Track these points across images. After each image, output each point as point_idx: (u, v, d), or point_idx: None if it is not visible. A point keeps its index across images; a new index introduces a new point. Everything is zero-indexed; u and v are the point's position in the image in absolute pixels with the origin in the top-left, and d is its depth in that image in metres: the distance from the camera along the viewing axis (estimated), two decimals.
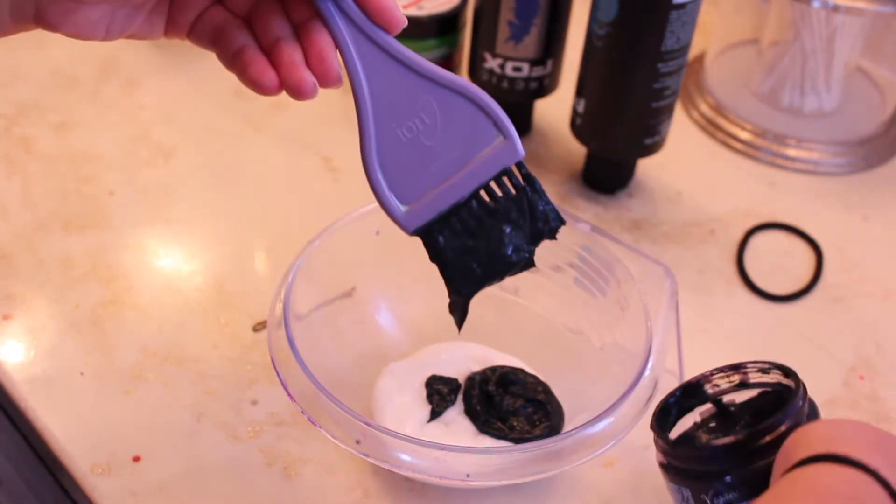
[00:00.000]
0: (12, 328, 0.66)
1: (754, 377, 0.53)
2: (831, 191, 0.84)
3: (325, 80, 0.46)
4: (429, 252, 0.51)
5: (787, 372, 0.52)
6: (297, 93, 0.45)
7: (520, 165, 0.51)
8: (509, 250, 0.51)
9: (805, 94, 0.89)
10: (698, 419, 0.54)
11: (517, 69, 0.79)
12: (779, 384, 0.53)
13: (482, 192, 0.50)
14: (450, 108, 0.49)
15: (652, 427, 0.51)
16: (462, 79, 0.49)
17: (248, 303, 0.69)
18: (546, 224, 0.52)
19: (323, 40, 0.46)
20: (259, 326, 0.67)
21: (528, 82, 0.80)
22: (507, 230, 0.51)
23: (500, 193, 0.50)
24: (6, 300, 0.68)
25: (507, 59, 0.79)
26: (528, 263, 0.52)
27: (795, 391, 0.50)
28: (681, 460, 0.50)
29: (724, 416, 0.54)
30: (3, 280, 0.69)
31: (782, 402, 0.52)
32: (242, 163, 0.81)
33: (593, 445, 0.54)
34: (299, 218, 0.75)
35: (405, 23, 0.46)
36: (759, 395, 0.54)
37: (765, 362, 0.53)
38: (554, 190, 0.80)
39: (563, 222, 0.52)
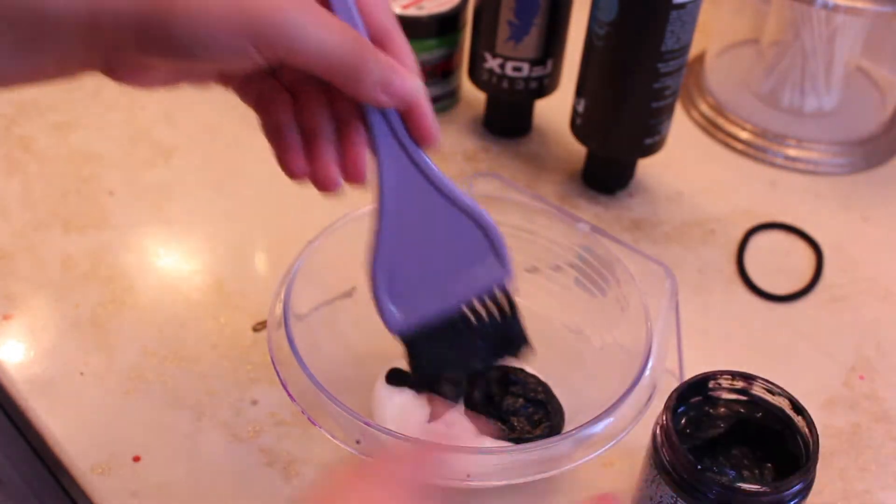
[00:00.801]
0: (12, 328, 0.66)
1: (757, 391, 0.54)
2: (831, 191, 0.84)
3: (353, 181, 0.48)
4: (407, 350, 0.53)
5: (797, 407, 0.52)
6: (323, 188, 0.48)
7: (506, 288, 0.53)
8: (476, 361, 0.54)
9: (805, 94, 0.89)
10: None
11: (517, 69, 0.79)
12: (781, 411, 0.53)
13: (465, 308, 0.53)
14: (459, 227, 0.51)
15: (671, 440, 0.51)
16: (477, 204, 0.51)
17: (248, 303, 0.69)
18: (513, 346, 0.55)
19: (360, 144, 0.48)
20: (259, 326, 0.67)
21: (528, 82, 0.80)
22: (480, 344, 0.54)
23: (482, 311, 0.53)
24: (6, 300, 0.68)
25: (507, 59, 0.79)
26: (484, 371, 0.58)
27: (809, 449, 0.51)
28: (694, 478, 0.50)
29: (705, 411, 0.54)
30: (3, 280, 0.69)
31: (775, 423, 0.53)
32: (242, 163, 0.81)
33: (593, 445, 0.54)
34: (299, 218, 0.75)
35: (439, 142, 0.48)
36: (750, 406, 0.54)
37: (777, 386, 0.53)
38: (554, 190, 0.80)
39: (527, 345, 0.55)
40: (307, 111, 0.49)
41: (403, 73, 0.46)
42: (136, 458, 0.59)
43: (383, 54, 0.46)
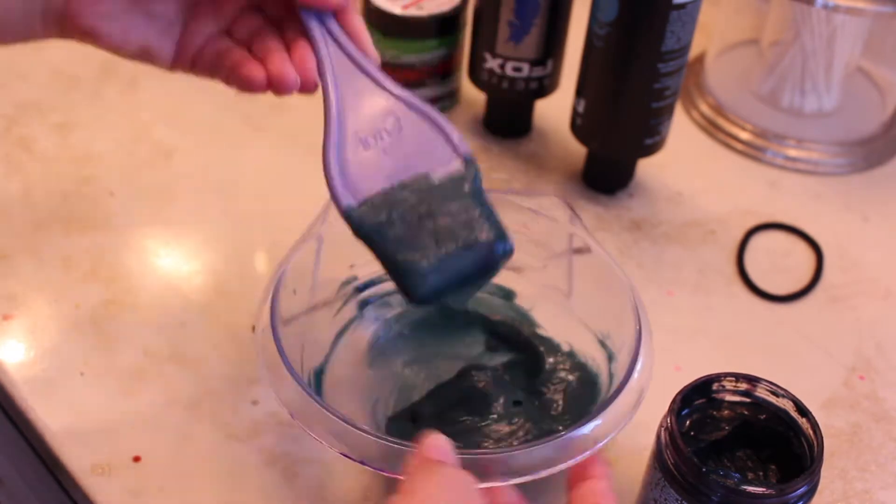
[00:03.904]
0: (12, 328, 0.66)
1: (761, 393, 0.53)
2: (831, 191, 0.84)
3: (303, 80, 0.52)
4: (372, 246, 0.52)
5: (801, 409, 0.52)
6: (280, 84, 0.51)
7: (477, 189, 0.53)
8: (466, 262, 0.52)
9: (805, 94, 0.89)
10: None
11: (517, 69, 0.79)
12: (785, 413, 0.53)
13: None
14: (411, 125, 0.53)
15: (676, 442, 0.51)
16: (425, 103, 0.53)
17: (248, 303, 0.69)
18: (494, 246, 0.52)
19: (305, 48, 0.52)
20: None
21: (528, 82, 0.80)
22: (463, 249, 0.52)
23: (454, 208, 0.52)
24: (6, 300, 0.68)
25: (507, 59, 0.79)
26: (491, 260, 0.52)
27: (813, 451, 0.51)
28: (700, 482, 0.50)
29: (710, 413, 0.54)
30: (3, 280, 0.69)
31: (779, 425, 0.53)
32: (242, 163, 0.81)
33: (582, 448, 0.52)
34: (299, 218, 0.75)
35: (376, 58, 0.53)
36: (754, 408, 0.54)
37: (781, 388, 0.53)
38: (554, 190, 0.80)
39: (510, 246, 0.52)
40: (259, 47, 0.53)
41: None
42: (136, 458, 0.59)
43: None
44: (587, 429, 0.52)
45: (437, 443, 0.47)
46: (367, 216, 0.51)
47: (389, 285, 0.62)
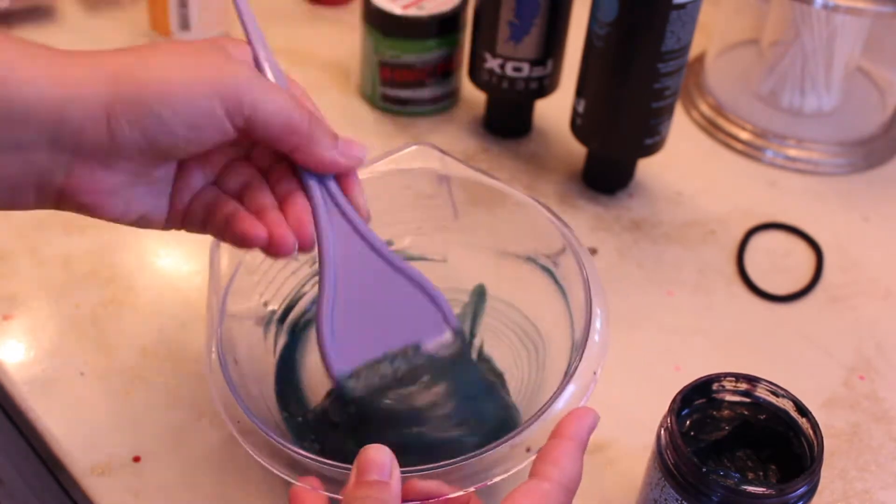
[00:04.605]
0: (12, 328, 0.66)
1: (761, 393, 0.53)
2: (831, 191, 0.84)
3: (301, 239, 0.50)
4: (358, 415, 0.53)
5: (801, 409, 0.52)
6: (278, 246, 0.49)
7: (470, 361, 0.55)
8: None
9: (805, 94, 0.89)
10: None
11: (517, 69, 0.79)
12: (785, 413, 0.53)
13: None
14: (404, 294, 0.53)
15: (676, 443, 0.51)
16: (418, 272, 0.53)
17: None
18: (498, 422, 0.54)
19: (303, 208, 0.50)
20: None
21: (528, 82, 0.80)
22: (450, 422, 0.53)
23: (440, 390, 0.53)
24: (6, 300, 0.68)
25: (507, 59, 0.79)
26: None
27: (813, 451, 0.51)
28: (699, 482, 0.50)
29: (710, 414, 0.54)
30: (3, 280, 0.69)
31: (779, 425, 0.53)
32: None
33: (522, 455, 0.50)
34: None
35: (370, 217, 0.52)
36: (754, 408, 0.54)
37: (781, 388, 0.53)
38: (554, 190, 0.80)
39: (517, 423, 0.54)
40: (252, 201, 0.51)
41: (346, 138, 0.50)
42: (136, 458, 0.59)
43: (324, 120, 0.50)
44: (534, 429, 0.49)
45: (374, 458, 0.45)
46: (356, 386, 0.53)
47: (308, 301, 0.63)
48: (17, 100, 0.42)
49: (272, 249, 0.49)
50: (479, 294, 0.64)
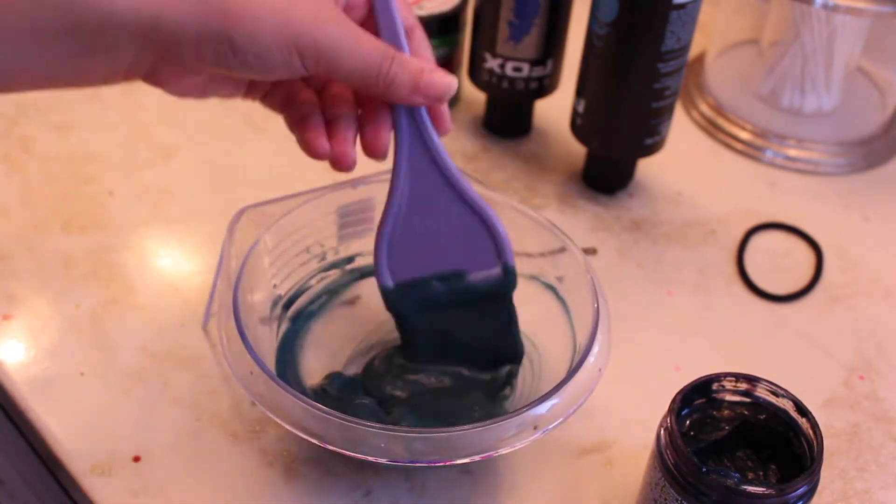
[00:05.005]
0: (12, 328, 0.66)
1: (761, 393, 0.53)
2: (831, 191, 0.84)
3: (373, 153, 0.53)
4: (398, 324, 0.58)
5: (801, 409, 0.52)
6: (341, 167, 0.53)
7: (508, 299, 0.58)
8: (470, 361, 0.59)
9: (805, 94, 0.89)
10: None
11: (517, 69, 0.79)
12: (785, 413, 0.53)
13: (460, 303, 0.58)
14: (465, 220, 0.56)
15: (676, 442, 0.51)
16: (485, 202, 0.56)
17: None
18: (505, 357, 0.60)
19: (384, 128, 0.53)
20: None
21: (528, 82, 0.80)
22: (470, 345, 0.59)
23: (476, 316, 0.58)
24: (6, 300, 0.68)
25: (507, 59, 0.79)
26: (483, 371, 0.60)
27: (813, 451, 0.51)
28: (702, 483, 0.50)
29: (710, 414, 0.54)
30: (3, 280, 0.69)
31: (779, 425, 0.53)
32: (242, 163, 0.81)
33: (537, 427, 0.53)
34: None
35: (451, 129, 0.55)
36: (754, 408, 0.54)
37: (781, 388, 0.53)
38: (554, 190, 0.80)
39: (520, 359, 0.60)
40: (331, 102, 0.53)
41: (433, 75, 0.51)
42: (136, 458, 0.59)
43: (415, 60, 0.51)
44: (543, 408, 0.53)
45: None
46: (399, 298, 0.57)
47: (313, 294, 0.66)
48: (111, 9, 0.44)
49: (333, 165, 0.52)
50: None
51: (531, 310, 0.62)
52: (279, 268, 0.63)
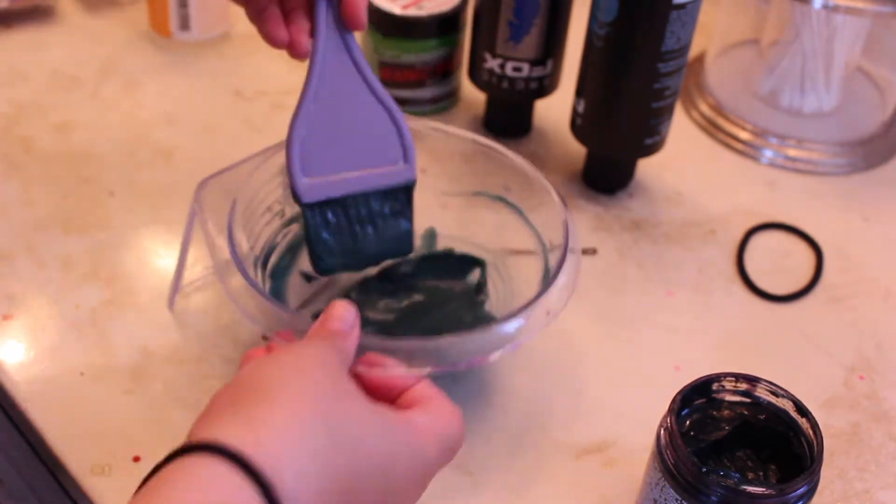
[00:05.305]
0: (12, 328, 0.66)
1: (761, 393, 0.53)
2: (831, 191, 0.84)
3: (297, 53, 0.59)
4: (306, 226, 0.59)
5: (801, 409, 0.52)
6: (294, 50, 0.58)
7: (409, 191, 0.60)
8: (368, 255, 0.61)
9: (805, 94, 0.89)
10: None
11: (517, 69, 0.79)
12: (785, 413, 0.53)
13: (369, 199, 0.59)
14: (374, 117, 0.58)
15: (676, 442, 0.51)
16: (394, 101, 0.58)
17: None
18: (399, 247, 0.62)
19: (304, 24, 0.58)
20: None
21: (528, 82, 0.80)
22: (371, 237, 0.60)
23: (380, 207, 0.60)
24: (6, 300, 0.68)
25: (507, 59, 0.79)
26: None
27: (813, 451, 0.51)
28: (699, 482, 0.50)
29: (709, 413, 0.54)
30: (3, 280, 0.69)
31: (779, 425, 0.53)
32: None
33: (502, 344, 0.54)
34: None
35: (365, 27, 0.56)
36: (754, 408, 0.54)
37: (781, 388, 0.53)
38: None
39: (410, 252, 0.62)
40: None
41: None
42: (136, 458, 0.59)
43: None
44: (511, 326, 0.54)
45: (340, 313, 0.47)
46: (314, 214, 0.58)
47: (282, 250, 0.68)
48: None
49: (290, 52, 0.58)
50: (430, 237, 0.70)
51: (484, 217, 0.67)
52: (250, 230, 0.64)
